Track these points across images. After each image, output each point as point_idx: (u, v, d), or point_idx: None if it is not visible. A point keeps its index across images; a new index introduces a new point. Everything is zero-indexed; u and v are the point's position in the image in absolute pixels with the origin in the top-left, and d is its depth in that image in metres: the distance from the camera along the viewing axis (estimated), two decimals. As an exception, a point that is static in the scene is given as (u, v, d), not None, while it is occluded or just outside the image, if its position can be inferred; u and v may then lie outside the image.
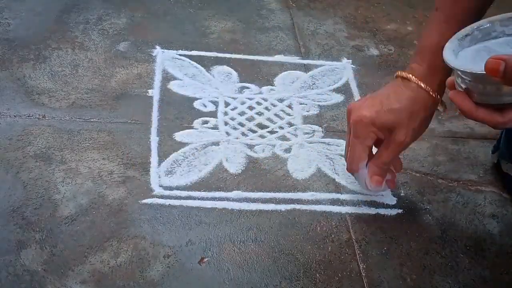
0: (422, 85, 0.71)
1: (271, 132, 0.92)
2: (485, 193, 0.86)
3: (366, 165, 0.76)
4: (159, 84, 0.99)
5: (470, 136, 0.96)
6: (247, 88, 1.01)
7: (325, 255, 0.73)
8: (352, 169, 0.78)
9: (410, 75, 0.71)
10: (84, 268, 0.68)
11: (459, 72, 0.57)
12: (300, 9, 1.27)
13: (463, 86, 0.57)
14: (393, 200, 0.82)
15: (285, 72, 1.06)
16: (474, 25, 0.62)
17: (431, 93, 0.71)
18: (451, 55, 0.59)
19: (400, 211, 0.81)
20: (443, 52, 0.59)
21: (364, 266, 0.72)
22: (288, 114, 0.96)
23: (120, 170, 0.81)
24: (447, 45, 0.60)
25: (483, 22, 0.61)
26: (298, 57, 1.11)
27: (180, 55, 1.07)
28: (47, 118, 0.89)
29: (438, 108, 0.73)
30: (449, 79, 0.61)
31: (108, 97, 0.95)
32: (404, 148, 0.74)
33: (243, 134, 0.91)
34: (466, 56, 0.60)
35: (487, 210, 0.83)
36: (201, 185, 0.81)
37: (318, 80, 1.05)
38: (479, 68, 0.53)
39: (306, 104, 0.99)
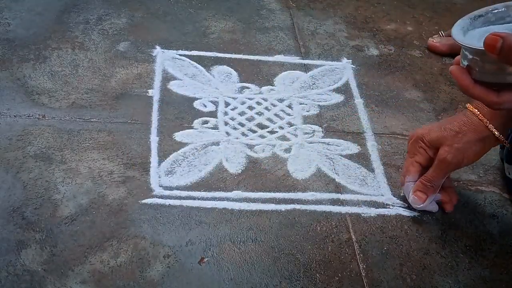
0: (475, 110, 0.73)
1: (271, 132, 0.92)
2: (485, 193, 0.86)
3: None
4: (159, 84, 0.99)
5: (470, 136, 0.96)
6: (247, 88, 1.01)
7: (325, 255, 0.73)
8: (401, 181, 0.81)
9: (469, 103, 0.74)
10: (84, 268, 0.68)
11: (462, 48, 0.59)
12: (300, 9, 1.27)
13: (465, 63, 0.59)
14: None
15: (285, 72, 1.06)
16: (490, 7, 0.62)
17: (481, 119, 0.72)
18: (459, 31, 0.60)
19: (400, 211, 0.81)
20: (452, 27, 0.61)
21: (364, 266, 0.72)
22: (288, 114, 0.96)
23: (120, 170, 0.81)
24: (459, 21, 0.62)
25: (499, 6, 0.62)
26: (298, 57, 1.11)
27: (180, 55, 1.07)
28: (47, 118, 0.89)
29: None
30: (457, 57, 0.62)
31: (108, 97, 0.95)
32: (448, 167, 0.74)
33: (243, 134, 0.91)
34: (474, 35, 0.60)
35: (487, 210, 0.83)
36: (201, 185, 0.81)
37: (318, 80, 1.05)
38: (480, 45, 0.54)
39: (306, 104, 0.99)
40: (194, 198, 0.79)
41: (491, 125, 0.72)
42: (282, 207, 0.79)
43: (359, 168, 0.87)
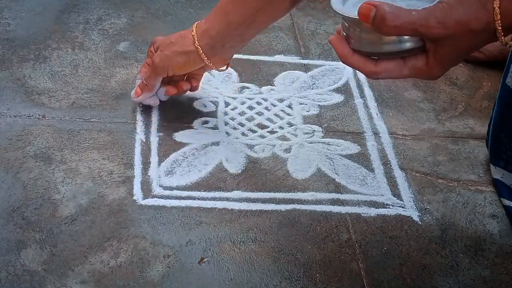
0: (193, 27, 0.83)
1: (271, 132, 0.92)
2: (485, 193, 0.86)
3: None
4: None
5: (470, 136, 0.96)
6: (247, 88, 1.01)
7: (325, 255, 0.73)
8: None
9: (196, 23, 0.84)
10: (84, 268, 0.68)
11: (341, 18, 0.56)
12: (300, 9, 1.27)
13: (344, 33, 0.57)
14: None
15: (285, 72, 1.06)
16: None
17: (193, 35, 0.82)
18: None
19: (400, 210, 0.81)
20: None
21: (364, 266, 0.72)
22: (288, 114, 0.96)
23: (120, 170, 0.81)
24: None
25: None
26: (298, 57, 1.11)
27: (180, 55, 1.07)
28: (47, 118, 0.89)
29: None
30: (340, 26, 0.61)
31: (108, 97, 0.95)
32: (157, 70, 0.85)
33: (243, 134, 0.91)
34: (354, 2, 0.57)
35: (487, 210, 0.83)
36: (201, 185, 0.81)
37: (318, 80, 1.05)
38: (355, 13, 0.52)
39: (306, 104, 0.99)
40: (194, 198, 0.79)
41: (197, 42, 0.81)
42: (282, 207, 0.79)
43: (359, 168, 0.87)
